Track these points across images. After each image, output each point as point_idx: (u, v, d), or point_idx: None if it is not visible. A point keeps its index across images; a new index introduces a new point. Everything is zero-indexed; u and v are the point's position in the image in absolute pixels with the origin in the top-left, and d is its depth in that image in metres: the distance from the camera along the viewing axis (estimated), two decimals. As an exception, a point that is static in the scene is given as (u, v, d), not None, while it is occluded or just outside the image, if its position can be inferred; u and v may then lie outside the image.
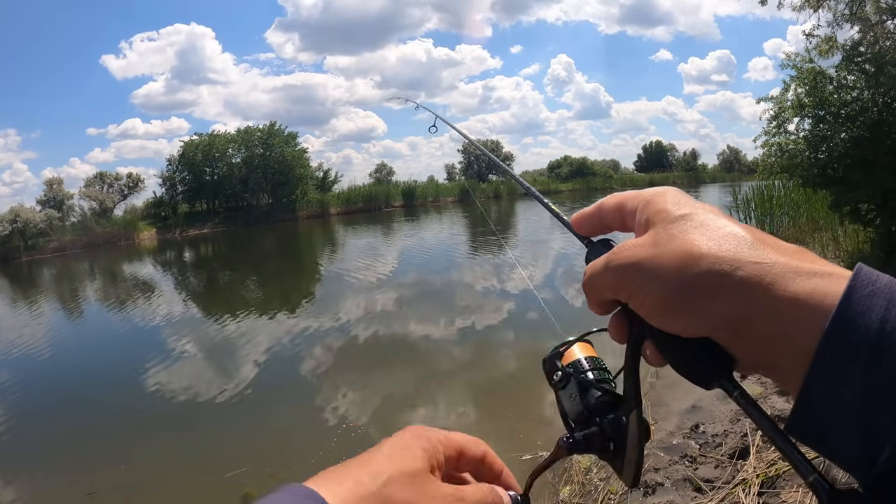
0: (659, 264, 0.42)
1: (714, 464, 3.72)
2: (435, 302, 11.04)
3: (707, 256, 0.40)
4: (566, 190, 58.19)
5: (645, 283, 0.43)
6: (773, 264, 0.39)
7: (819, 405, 0.36)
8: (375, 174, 55.63)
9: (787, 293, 0.37)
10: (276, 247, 27.90)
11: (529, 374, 6.47)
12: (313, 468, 3.33)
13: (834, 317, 0.35)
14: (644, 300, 0.43)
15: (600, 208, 0.53)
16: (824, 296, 0.36)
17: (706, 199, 26.14)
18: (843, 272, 0.37)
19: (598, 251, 0.52)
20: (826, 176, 6.95)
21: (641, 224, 0.47)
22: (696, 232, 0.42)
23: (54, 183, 40.35)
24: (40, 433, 6.33)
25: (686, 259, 0.41)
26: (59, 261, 30.58)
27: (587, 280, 0.48)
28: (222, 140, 45.07)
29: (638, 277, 0.43)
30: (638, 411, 0.49)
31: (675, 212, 0.45)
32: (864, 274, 0.36)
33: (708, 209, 0.45)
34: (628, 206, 0.50)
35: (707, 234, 0.42)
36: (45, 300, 17.28)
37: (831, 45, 7.33)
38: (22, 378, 8.69)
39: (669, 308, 0.42)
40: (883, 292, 0.35)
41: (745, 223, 0.45)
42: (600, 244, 0.54)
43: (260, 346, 8.66)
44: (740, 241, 0.41)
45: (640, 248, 0.44)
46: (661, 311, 0.42)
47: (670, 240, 0.43)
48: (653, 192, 0.49)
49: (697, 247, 0.41)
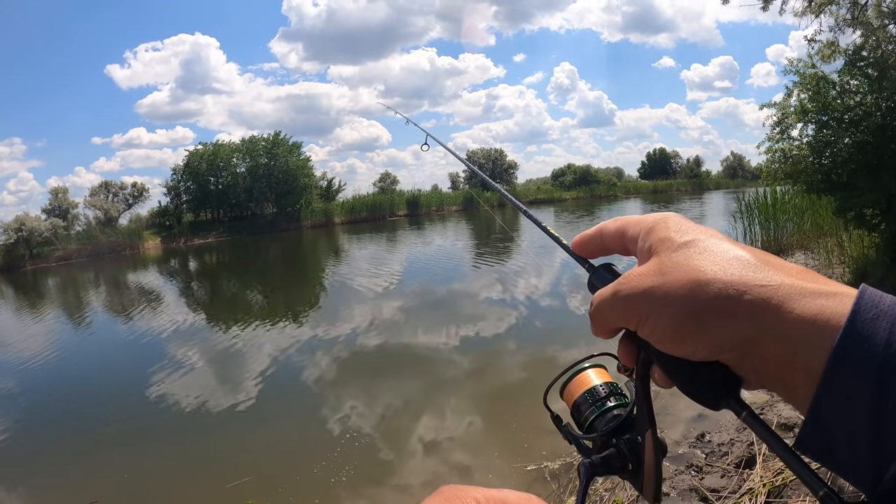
0: (667, 293, 0.43)
1: (720, 473, 3.68)
2: (439, 311, 11.02)
3: (714, 282, 0.41)
4: (570, 198, 58.23)
5: (654, 313, 0.43)
6: (779, 286, 0.39)
7: (828, 423, 0.36)
8: (379, 183, 55.94)
9: (793, 314, 0.38)
10: (280, 256, 27.98)
11: (534, 384, 6.43)
12: (316, 478, 3.32)
13: (840, 338, 0.35)
14: (654, 328, 0.44)
15: (601, 232, 0.54)
16: (830, 316, 0.37)
17: (710, 205, 26.01)
18: (847, 291, 0.38)
19: (603, 277, 0.53)
20: (830, 181, 6.92)
21: (644, 251, 0.48)
22: (701, 258, 0.43)
23: (59, 192, 40.69)
24: (44, 440, 6.35)
25: (693, 286, 0.41)
26: (64, 269, 30.74)
27: (595, 309, 0.49)
28: (227, 149, 45.38)
29: (647, 307, 0.44)
30: (653, 430, 0.50)
31: (678, 239, 0.45)
32: (868, 295, 0.37)
33: (710, 234, 0.46)
34: (630, 232, 0.51)
35: (712, 259, 0.42)
36: (49, 309, 17.35)
37: (833, 49, 7.32)
38: (26, 386, 8.72)
39: (679, 335, 0.42)
40: (887, 314, 0.35)
41: (751, 228, 0.45)
42: (603, 269, 0.54)
43: (264, 356, 8.65)
44: (745, 265, 0.41)
45: (647, 277, 0.45)
46: (671, 338, 0.43)
47: (676, 267, 0.43)
48: (654, 218, 0.49)
49: (704, 273, 0.42)
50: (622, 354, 0.50)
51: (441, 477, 4.73)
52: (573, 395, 0.60)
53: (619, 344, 0.50)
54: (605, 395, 0.58)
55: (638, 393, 0.51)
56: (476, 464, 4.88)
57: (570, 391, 0.61)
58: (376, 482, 4.76)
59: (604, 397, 0.58)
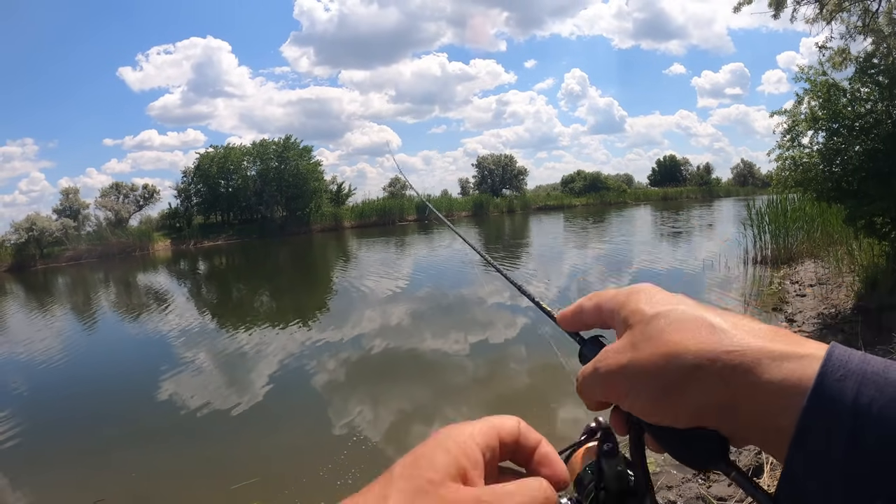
0: (641, 368, 0.44)
1: (727, 482, 3.66)
2: (447, 316, 11.03)
3: (684, 354, 0.42)
4: (579, 204, 58.09)
5: (632, 389, 0.45)
6: (746, 351, 0.41)
7: (802, 481, 0.37)
8: (389, 188, 55.91)
9: (763, 379, 0.39)
10: (289, 259, 28.06)
11: (541, 390, 6.42)
12: (322, 481, 3.33)
13: (807, 402, 0.37)
14: (633, 403, 0.46)
15: (581, 309, 0.55)
16: (799, 379, 0.38)
17: (720, 213, 25.91)
18: (816, 352, 0.39)
19: (591, 350, 0.54)
20: (840, 189, 6.88)
21: (620, 324, 0.49)
22: (671, 329, 0.44)
23: (70, 192, 41.03)
24: (51, 439, 6.39)
25: (665, 359, 0.43)
26: (74, 269, 30.97)
27: (581, 385, 0.51)
28: (237, 153, 45.60)
29: (624, 383, 0.46)
30: (651, 497, 0.51)
31: (648, 311, 0.47)
32: (836, 356, 0.38)
33: (679, 301, 0.47)
34: (605, 307, 0.52)
35: (681, 329, 0.44)
36: (59, 308, 17.47)
37: (844, 56, 7.29)
38: (35, 384, 8.80)
39: (658, 407, 0.44)
40: (854, 374, 0.37)
41: (760, 236, 0.46)
42: (591, 343, 0.55)
43: (272, 358, 8.68)
44: (714, 331, 0.43)
45: (621, 354, 0.46)
46: (651, 411, 0.45)
47: (647, 341, 0.45)
48: (627, 291, 0.51)
49: (675, 344, 0.43)
50: (614, 424, 0.51)
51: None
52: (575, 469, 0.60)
53: (611, 414, 0.51)
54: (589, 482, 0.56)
55: (634, 461, 0.51)
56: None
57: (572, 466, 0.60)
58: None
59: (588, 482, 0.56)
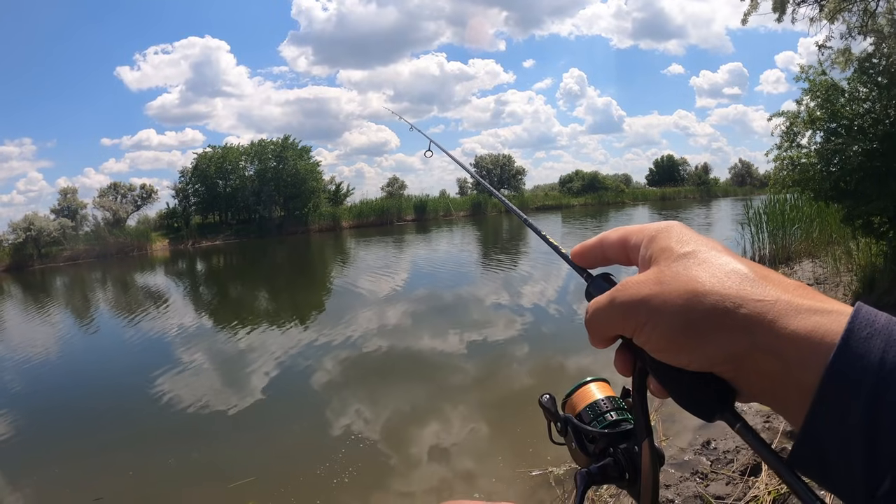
0: (664, 301, 0.43)
1: (725, 481, 3.66)
2: (445, 316, 11.02)
3: (711, 294, 0.41)
4: (578, 204, 58.11)
5: (650, 320, 0.44)
6: (776, 301, 0.39)
7: (821, 441, 0.37)
8: (387, 188, 55.97)
9: (788, 330, 0.38)
10: (287, 259, 28.06)
11: (539, 389, 6.40)
12: (319, 480, 3.32)
13: (834, 357, 0.36)
14: (650, 336, 0.44)
15: (603, 241, 0.54)
16: (825, 334, 0.37)
17: (718, 213, 25.94)
18: (843, 308, 0.38)
19: (600, 286, 0.53)
20: (838, 189, 6.88)
21: (646, 260, 0.48)
22: (700, 269, 0.43)
23: (68, 192, 40.97)
24: (49, 439, 6.39)
25: (691, 297, 0.42)
26: (72, 269, 30.94)
27: (591, 316, 0.49)
28: (236, 153, 45.58)
29: (644, 314, 0.44)
30: (650, 440, 0.50)
31: (678, 249, 0.46)
32: (863, 314, 0.37)
33: (711, 245, 0.46)
34: (632, 240, 0.50)
35: (710, 271, 0.43)
36: (56, 308, 17.46)
37: (847, 58, 7.28)
38: (33, 385, 8.78)
39: (674, 344, 0.43)
40: (881, 333, 0.36)
41: (758, 236, 0.45)
42: (601, 278, 0.54)
43: (269, 358, 8.67)
44: (743, 278, 0.42)
45: (645, 286, 0.45)
46: (666, 347, 0.43)
47: (675, 277, 0.43)
48: (657, 227, 0.49)
49: (702, 284, 0.42)
50: (618, 364, 0.50)
51: (445, 481, 4.72)
52: (575, 409, 0.61)
53: (616, 353, 0.50)
54: (606, 409, 0.58)
55: (635, 402, 0.51)
56: (480, 469, 4.86)
57: (573, 404, 0.61)
58: (379, 485, 4.76)
59: (605, 411, 0.58)
